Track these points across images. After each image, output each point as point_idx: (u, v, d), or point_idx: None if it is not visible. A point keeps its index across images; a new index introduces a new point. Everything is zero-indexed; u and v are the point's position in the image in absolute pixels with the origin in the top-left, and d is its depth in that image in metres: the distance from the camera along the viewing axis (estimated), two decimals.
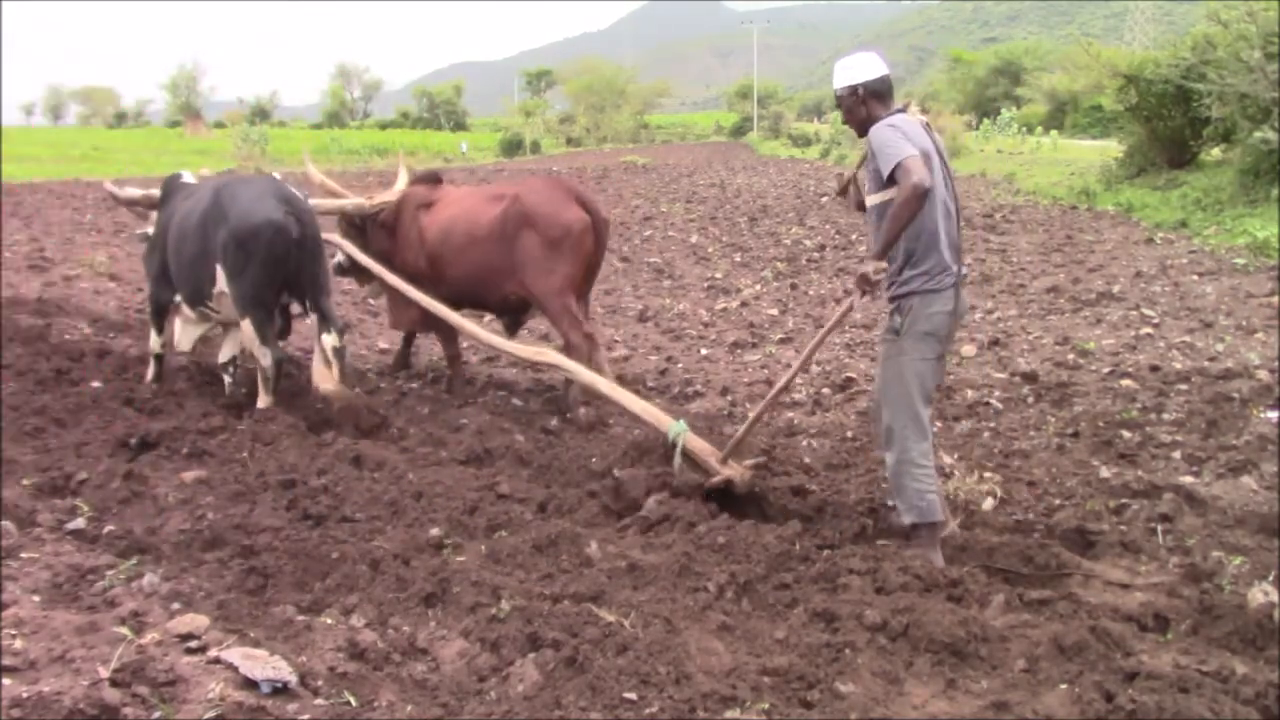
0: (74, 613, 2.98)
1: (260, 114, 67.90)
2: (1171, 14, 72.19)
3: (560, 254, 5.91)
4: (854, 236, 13.93)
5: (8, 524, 3.66)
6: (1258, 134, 13.00)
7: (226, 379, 5.97)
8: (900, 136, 3.61)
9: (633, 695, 2.68)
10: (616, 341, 8.06)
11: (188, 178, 6.09)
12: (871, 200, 3.85)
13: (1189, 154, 17.64)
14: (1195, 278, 9.91)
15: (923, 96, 58.45)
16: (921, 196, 3.50)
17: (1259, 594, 3.40)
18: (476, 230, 6.16)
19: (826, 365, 7.21)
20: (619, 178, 25.92)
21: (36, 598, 3.10)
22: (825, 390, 6.59)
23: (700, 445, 4.36)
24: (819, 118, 61.02)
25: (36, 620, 2.82)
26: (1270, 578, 3.55)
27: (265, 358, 5.38)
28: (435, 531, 3.89)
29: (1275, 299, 8.61)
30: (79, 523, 3.84)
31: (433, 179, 6.91)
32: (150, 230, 6.15)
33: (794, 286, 10.30)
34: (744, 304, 9.48)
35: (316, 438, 5.12)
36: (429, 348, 7.61)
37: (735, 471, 4.27)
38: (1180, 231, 13.10)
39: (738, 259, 12.22)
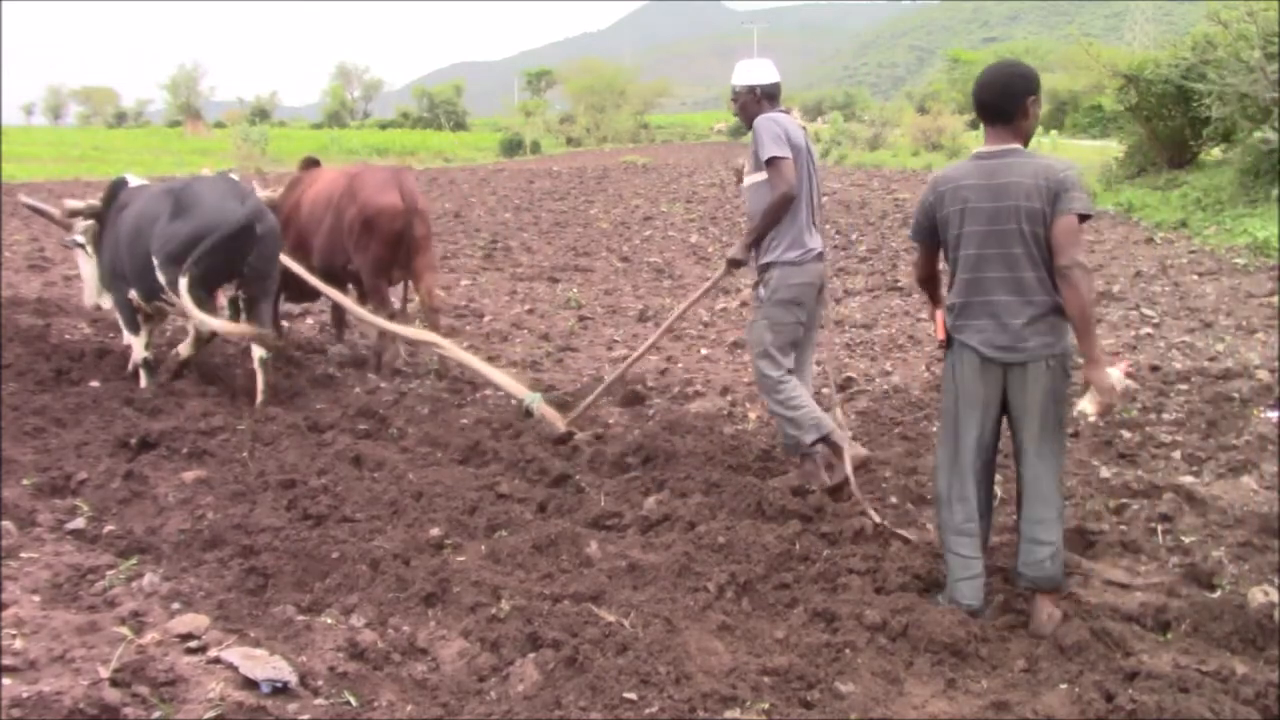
0: (74, 613, 2.98)
1: (260, 114, 67.70)
2: (1171, 14, 72.16)
3: (372, 234, 6.52)
4: (854, 236, 13.94)
5: (8, 524, 3.66)
6: (1258, 134, 13.00)
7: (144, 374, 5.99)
8: (780, 133, 4.23)
9: (633, 695, 2.68)
10: (616, 341, 8.06)
11: (134, 181, 6.22)
12: (748, 180, 4.47)
13: (1189, 154, 17.64)
14: (1195, 278, 9.91)
15: (922, 96, 58.50)
16: (790, 200, 4.25)
17: (1259, 594, 3.40)
18: (325, 202, 6.84)
19: (826, 365, 7.19)
20: (619, 178, 25.89)
21: (36, 598, 3.10)
22: (825, 390, 6.58)
23: (550, 411, 5.31)
24: (819, 118, 60.93)
25: (36, 620, 2.82)
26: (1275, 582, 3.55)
27: (203, 326, 5.41)
28: (435, 531, 3.89)
29: (1275, 299, 8.61)
30: (79, 523, 3.85)
31: (313, 163, 7.66)
32: (79, 238, 6.33)
33: None
34: (744, 304, 9.48)
35: (317, 437, 5.12)
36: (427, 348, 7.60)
37: (577, 430, 5.19)
38: (1180, 231, 13.10)
39: None
